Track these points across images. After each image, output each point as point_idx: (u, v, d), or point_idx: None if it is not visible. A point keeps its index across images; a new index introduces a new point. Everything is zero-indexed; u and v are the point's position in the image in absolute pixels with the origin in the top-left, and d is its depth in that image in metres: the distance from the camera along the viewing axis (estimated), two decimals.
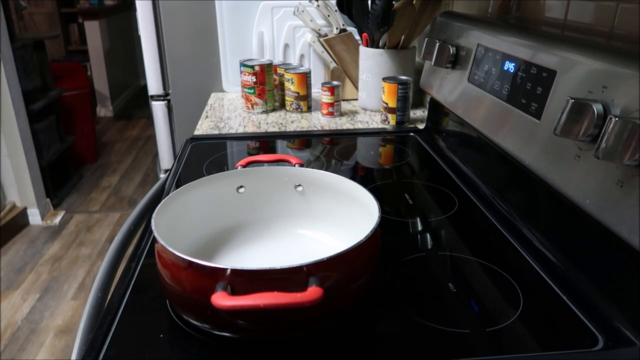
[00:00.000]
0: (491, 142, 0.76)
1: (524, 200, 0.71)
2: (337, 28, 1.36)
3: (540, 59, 0.65)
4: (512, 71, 0.71)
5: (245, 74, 1.27)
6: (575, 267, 0.58)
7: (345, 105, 1.36)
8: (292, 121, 1.24)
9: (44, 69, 2.82)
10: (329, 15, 1.35)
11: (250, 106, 1.31)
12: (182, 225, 0.59)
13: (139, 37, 1.50)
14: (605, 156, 0.47)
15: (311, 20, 1.36)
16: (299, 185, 0.66)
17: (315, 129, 1.18)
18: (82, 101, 3.27)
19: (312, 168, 0.68)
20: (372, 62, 1.26)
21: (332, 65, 1.41)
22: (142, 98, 4.90)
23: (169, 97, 1.56)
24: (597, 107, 0.50)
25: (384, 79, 1.17)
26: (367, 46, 1.27)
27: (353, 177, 0.63)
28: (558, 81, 0.60)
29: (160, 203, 0.56)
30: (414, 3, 1.20)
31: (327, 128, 1.19)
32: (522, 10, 0.88)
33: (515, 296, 0.56)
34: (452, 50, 0.91)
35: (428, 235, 0.71)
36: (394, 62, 1.24)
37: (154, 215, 0.53)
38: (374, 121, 1.24)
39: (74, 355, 0.59)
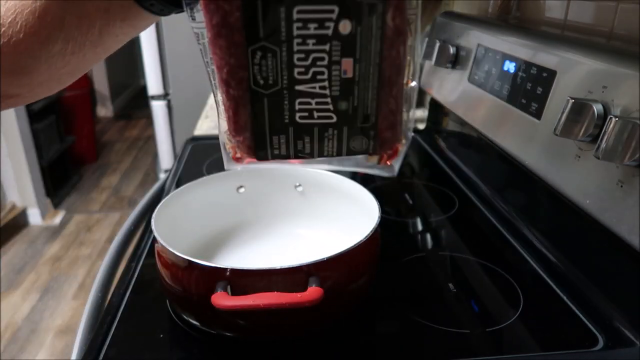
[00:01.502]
0: (491, 142, 0.76)
1: (524, 200, 0.71)
2: None
3: (540, 59, 0.65)
4: (512, 71, 0.71)
5: None
6: (575, 267, 0.58)
7: None
8: None
9: None
10: None
11: None
12: (182, 225, 0.59)
13: (139, 37, 1.50)
14: (605, 156, 0.47)
15: None
16: (299, 185, 0.66)
17: None
18: (82, 101, 3.27)
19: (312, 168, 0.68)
20: None
21: None
22: (142, 98, 4.89)
23: (169, 97, 1.56)
24: (597, 107, 0.50)
25: None
26: None
27: (353, 177, 0.63)
28: (558, 81, 0.60)
29: (160, 203, 0.56)
30: None
31: None
32: (522, 10, 0.87)
33: (515, 296, 0.56)
34: (452, 50, 0.91)
35: (428, 235, 0.71)
36: None
37: (154, 215, 0.53)
38: None
39: (74, 355, 0.59)
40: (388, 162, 0.32)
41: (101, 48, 0.36)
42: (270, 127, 0.30)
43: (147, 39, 1.47)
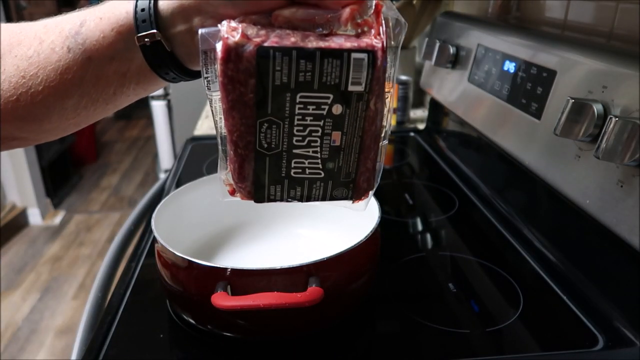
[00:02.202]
0: (491, 142, 0.76)
1: (524, 200, 0.71)
2: None
3: (540, 59, 0.65)
4: (512, 71, 0.71)
5: None
6: (575, 267, 0.58)
7: None
8: None
9: None
10: None
11: None
12: (182, 225, 0.59)
13: None
14: (605, 156, 0.47)
15: None
16: None
17: None
18: None
19: None
20: None
21: None
22: (142, 98, 4.88)
23: (169, 97, 1.56)
24: (597, 107, 0.50)
25: None
26: None
27: None
28: (558, 81, 0.60)
29: (160, 203, 0.56)
30: (414, 3, 1.20)
31: None
32: (522, 10, 0.87)
33: (515, 296, 0.56)
34: (452, 50, 0.91)
35: (428, 235, 0.71)
36: None
37: (154, 215, 0.53)
38: None
39: (74, 355, 0.59)
40: (359, 201, 0.39)
41: (112, 105, 0.39)
42: (269, 179, 0.35)
43: None
